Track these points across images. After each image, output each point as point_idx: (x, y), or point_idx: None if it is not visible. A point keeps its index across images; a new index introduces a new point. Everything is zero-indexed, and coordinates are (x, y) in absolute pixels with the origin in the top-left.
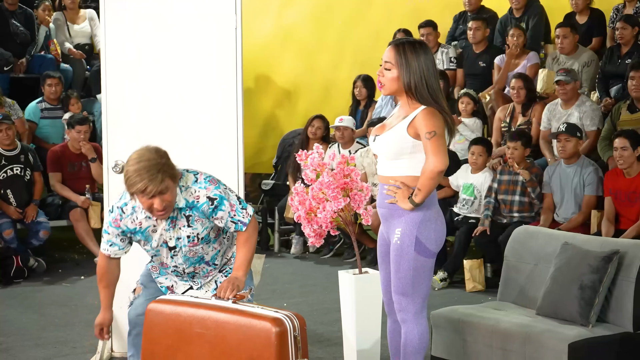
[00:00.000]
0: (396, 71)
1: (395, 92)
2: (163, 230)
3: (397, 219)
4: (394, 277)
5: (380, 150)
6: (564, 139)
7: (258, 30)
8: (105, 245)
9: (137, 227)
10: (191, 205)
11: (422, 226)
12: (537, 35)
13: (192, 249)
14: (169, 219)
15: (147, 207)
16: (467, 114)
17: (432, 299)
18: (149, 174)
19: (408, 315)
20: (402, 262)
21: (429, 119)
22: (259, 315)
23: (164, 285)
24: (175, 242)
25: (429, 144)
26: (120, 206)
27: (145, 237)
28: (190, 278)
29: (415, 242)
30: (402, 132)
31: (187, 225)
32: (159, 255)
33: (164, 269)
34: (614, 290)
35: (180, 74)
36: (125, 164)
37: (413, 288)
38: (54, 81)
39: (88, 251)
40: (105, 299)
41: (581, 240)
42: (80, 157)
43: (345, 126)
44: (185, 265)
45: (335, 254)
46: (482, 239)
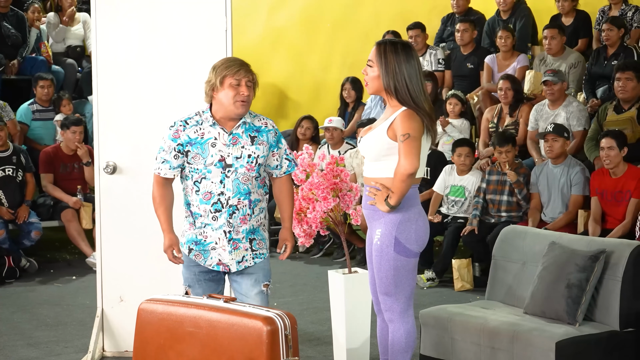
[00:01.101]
0: (377, 70)
1: (378, 91)
2: (223, 145)
3: (378, 220)
4: (377, 277)
5: (364, 152)
6: (551, 139)
7: (248, 32)
8: (158, 163)
9: (198, 137)
10: (258, 129)
11: (401, 227)
12: (524, 37)
13: (247, 174)
14: (231, 134)
15: (232, 96)
16: (454, 115)
17: (420, 298)
18: (240, 62)
19: (394, 315)
20: (382, 262)
21: (405, 121)
22: (251, 314)
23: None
24: (232, 161)
25: (402, 146)
26: (183, 119)
27: (203, 150)
28: (228, 217)
29: (394, 242)
30: (382, 134)
31: (251, 144)
32: (208, 178)
33: (201, 212)
34: (601, 289)
35: (171, 75)
36: (213, 67)
37: (396, 287)
38: (46, 83)
39: (80, 251)
40: (166, 222)
41: (568, 239)
42: (73, 159)
43: (334, 127)
44: (232, 193)
45: (324, 254)
46: (470, 238)
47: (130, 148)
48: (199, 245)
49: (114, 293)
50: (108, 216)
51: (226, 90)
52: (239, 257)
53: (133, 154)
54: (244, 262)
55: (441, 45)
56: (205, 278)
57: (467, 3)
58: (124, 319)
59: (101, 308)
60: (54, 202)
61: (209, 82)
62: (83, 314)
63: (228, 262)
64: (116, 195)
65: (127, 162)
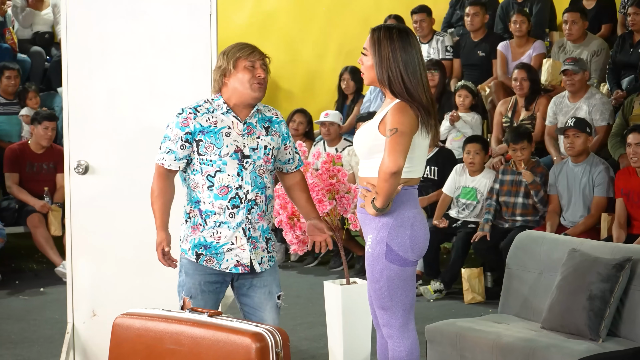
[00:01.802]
0: (371, 59)
1: (373, 81)
2: (238, 135)
3: (369, 225)
4: (370, 288)
5: (356, 148)
6: (572, 135)
7: (235, 17)
8: (163, 153)
9: (211, 125)
10: (270, 119)
11: (393, 232)
12: (542, 22)
13: (264, 167)
14: (245, 124)
15: (248, 79)
16: (464, 108)
17: (427, 311)
18: (252, 45)
19: (393, 330)
20: (375, 272)
21: (395, 115)
22: (238, 330)
23: (231, 266)
24: (249, 152)
25: (388, 142)
26: (193, 107)
27: (216, 139)
28: (246, 212)
29: (386, 249)
30: (374, 129)
31: (266, 134)
32: (224, 172)
33: (215, 210)
34: (626, 301)
35: (149, 64)
36: (220, 53)
37: (391, 300)
38: (12, 73)
39: (48, 260)
40: (161, 218)
41: (590, 246)
42: (42, 158)
43: (331, 122)
44: (250, 187)
45: (320, 263)
46: (481, 245)
47: (104, 146)
48: (210, 249)
49: (86, 307)
50: (79, 221)
51: (241, 73)
52: (259, 258)
53: (107, 152)
54: (264, 264)
55: (449, 30)
56: (210, 289)
57: None
58: (97, 335)
59: (72, 323)
60: (19, 206)
61: (220, 68)
62: (52, 330)
63: (248, 262)
64: (88, 198)
65: (101, 161)
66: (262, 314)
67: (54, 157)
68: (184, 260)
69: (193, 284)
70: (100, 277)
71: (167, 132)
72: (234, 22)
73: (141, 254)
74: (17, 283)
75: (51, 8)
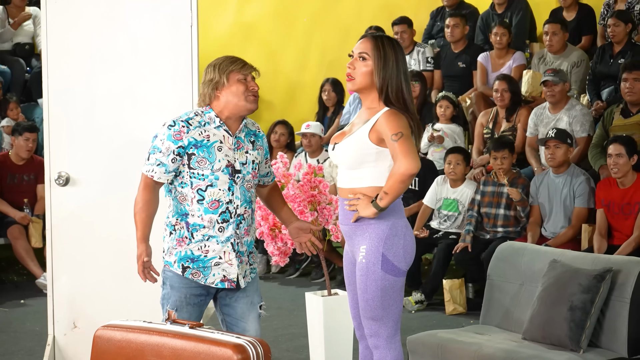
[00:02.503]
0: (371, 64)
1: (365, 88)
2: (229, 149)
3: (361, 236)
4: (362, 299)
5: (340, 160)
6: (553, 146)
7: (216, 28)
8: (152, 165)
9: (204, 139)
10: (255, 133)
11: (388, 242)
12: (522, 33)
13: (252, 181)
14: (235, 138)
15: (242, 91)
16: (445, 119)
17: (408, 322)
18: (241, 59)
19: (380, 341)
20: (368, 283)
21: (391, 120)
22: (219, 342)
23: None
24: (240, 167)
25: (397, 146)
26: (184, 119)
27: (209, 153)
28: (235, 227)
29: (382, 260)
30: (364, 138)
31: (253, 149)
32: (215, 186)
33: (204, 224)
34: (607, 311)
35: (130, 75)
36: (208, 66)
37: (383, 310)
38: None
39: (28, 272)
40: (143, 230)
41: (571, 257)
42: (22, 169)
43: (312, 133)
44: (240, 202)
45: (301, 274)
46: (463, 256)
47: (85, 157)
48: (197, 262)
49: (67, 318)
50: (60, 233)
51: (235, 86)
52: (243, 272)
53: (88, 163)
54: (246, 277)
55: (430, 42)
56: (195, 302)
57: None
58: (78, 347)
59: (52, 335)
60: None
61: (211, 81)
62: (32, 342)
63: (235, 277)
64: (69, 209)
65: (82, 172)
66: (245, 324)
67: (35, 169)
68: (168, 272)
69: (179, 297)
70: (81, 288)
71: (156, 144)
72: (215, 33)
73: (122, 266)
74: None
75: (32, 20)
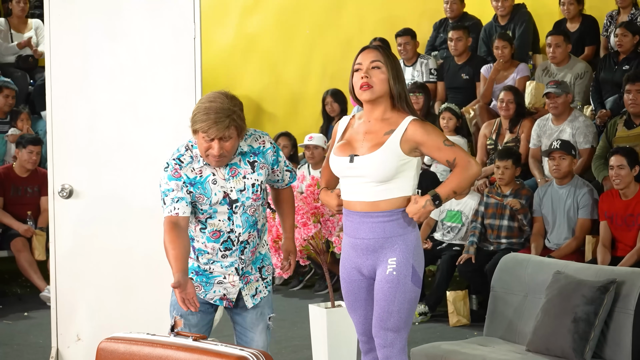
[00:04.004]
0: (386, 72)
1: (382, 96)
2: (223, 179)
3: (390, 248)
4: (385, 311)
5: (369, 172)
6: (558, 157)
7: (218, 40)
8: (172, 204)
9: (197, 176)
10: (256, 151)
11: (416, 252)
12: (525, 45)
13: (254, 204)
14: (228, 166)
15: (204, 149)
16: (449, 131)
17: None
18: (216, 116)
19: (393, 352)
20: (397, 295)
21: (432, 129)
22: (222, 354)
23: (216, 298)
24: (237, 195)
25: (458, 150)
26: (176, 158)
27: (205, 189)
28: (239, 253)
29: (412, 272)
30: (395, 149)
31: (252, 171)
32: (215, 218)
33: (208, 250)
34: (611, 323)
35: (133, 88)
36: (198, 102)
37: (405, 322)
38: (11, 93)
39: (32, 285)
40: (177, 265)
41: (575, 268)
42: (26, 182)
43: (315, 145)
44: (242, 229)
45: (305, 286)
46: (466, 267)
47: (88, 170)
48: (202, 277)
49: (71, 331)
50: (63, 245)
51: (200, 142)
52: (252, 290)
53: (91, 176)
54: (259, 294)
55: (433, 53)
56: (201, 309)
57: (462, 7)
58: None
59: (56, 348)
60: (2, 230)
61: None
62: (36, 355)
63: (234, 297)
64: (72, 222)
65: (85, 185)
66: (253, 334)
67: (39, 181)
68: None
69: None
70: (85, 301)
71: (164, 188)
72: (217, 45)
73: (125, 278)
74: (0, 307)
75: (34, 31)
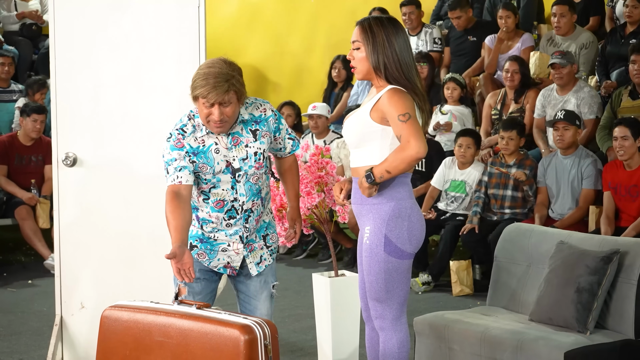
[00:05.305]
0: (364, 50)
1: (368, 74)
2: (225, 149)
3: (366, 216)
4: (367, 281)
5: (346, 139)
6: (562, 127)
7: (223, 9)
8: (174, 173)
9: (199, 146)
10: (258, 120)
11: (391, 223)
12: (530, 14)
13: (257, 172)
14: (230, 135)
15: (205, 116)
16: (453, 101)
17: (415, 303)
18: (215, 80)
19: (385, 323)
20: (372, 265)
21: (396, 100)
22: (226, 322)
23: (220, 266)
24: (239, 163)
25: (406, 127)
26: (179, 128)
27: (207, 158)
28: (244, 221)
29: (384, 241)
30: (365, 116)
31: (255, 139)
32: (218, 187)
33: (212, 220)
34: (614, 293)
35: (137, 57)
36: (197, 69)
37: (387, 293)
38: (7, 60)
39: (36, 253)
40: (176, 236)
41: (578, 238)
42: (31, 150)
43: (319, 114)
44: (246, 197)
45: (309, 255)
46: (470, 237)
47: (92, 138)
48: (206, 244)
49: (75, 299)
50: (67, 214)
51: (200, 108)
52: (257, 258)
53: (95, 144)
54: (263, 262)
55: (438, 23)
56: (205, 277)
57: None
58: (85, 327)
59: (60, 316)
60: (6, 198)
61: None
62: (40, 323)
63: (238, 265)
64: (76, 190)
65: (89, 153)
66: (257, 302)
67: (43, 150)
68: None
69: None
70: (89, 269)
71: (167, 158)
72: (222, 15)
73: (129, 246)
74: (4, 275)
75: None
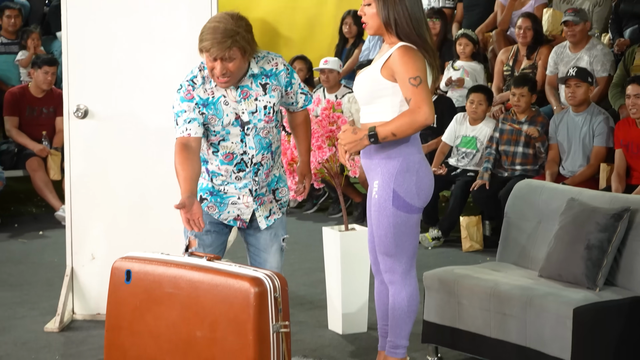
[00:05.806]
0: (375, 5)
1: (378, 29)
2: (234, 102)
3: (374, 171)
4: (376, 235)
5: (356, 95)
6: (573, 84)
7: None
8: (183, 125)
9: (209, 97)
10: (269, 74)
11: (399, 177)
12: None
13: (267, 126)
14: (239, 88)
15: (210, 69)
16: (465, 57)
17: (425, 258)
18: (220, 36)
19: (395, 276)
20: (381, 219)
21: (407, 60)
22: (237, 274)
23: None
24: (249, 117)
25: (417, 93)
26: (189, 79)
27: (217, 110)
28: (253, 174)
29: (392, 196)
30: (376, 74)
31: (264, 93)
32: (227, 140)
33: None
34: (624, 250)
35: (148, 9)
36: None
37: (396, 247)
38: (13, 12)
39: (47, 204)
40: (184, 187)
41: (589, 195)
42: (42, 102)
43: (330, 69)
44: (255, 151)
45: (319, 209)
46: (480, 194)
47: (103, 90)
48: (216, 197)
49: (85, 250)
50: (78, 165)
51: (206, 60)
52: (266, 211)
53: (106, 97)
54: (273, 215)
55: None
56: (215, 229)
57: None
58: (95, 278)
59: (71, 267)
60: (18, 150)
61: None
62: (51, 273)
63: (248, 217)
64: (87, 142)
65: (100, 105)
66: (267, 255)
67: (54, 101)
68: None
69: None
70: (100, 221)
71: (177, 110)
72: None
73: (140, 198)
74: (16, 226)
75: None
